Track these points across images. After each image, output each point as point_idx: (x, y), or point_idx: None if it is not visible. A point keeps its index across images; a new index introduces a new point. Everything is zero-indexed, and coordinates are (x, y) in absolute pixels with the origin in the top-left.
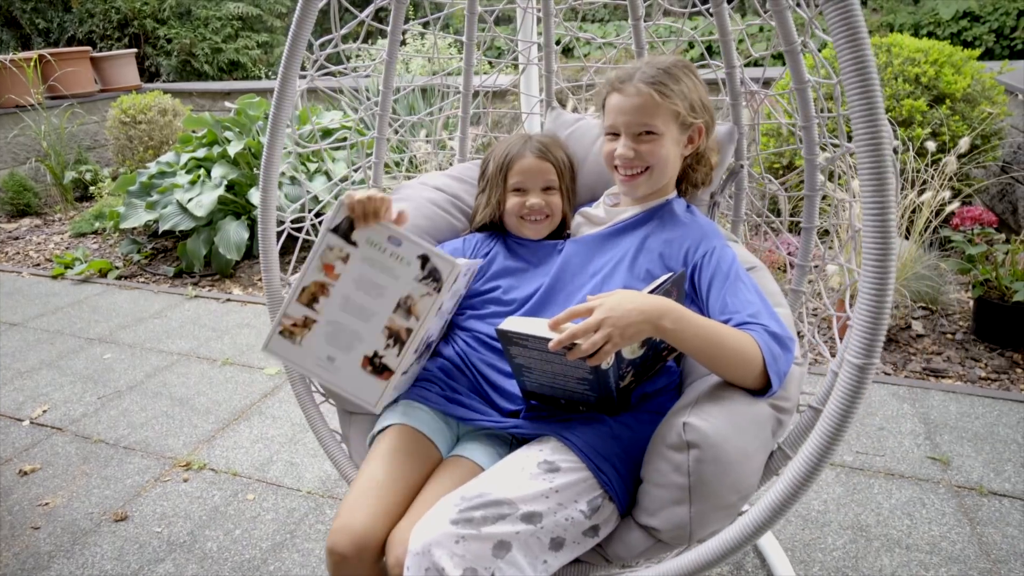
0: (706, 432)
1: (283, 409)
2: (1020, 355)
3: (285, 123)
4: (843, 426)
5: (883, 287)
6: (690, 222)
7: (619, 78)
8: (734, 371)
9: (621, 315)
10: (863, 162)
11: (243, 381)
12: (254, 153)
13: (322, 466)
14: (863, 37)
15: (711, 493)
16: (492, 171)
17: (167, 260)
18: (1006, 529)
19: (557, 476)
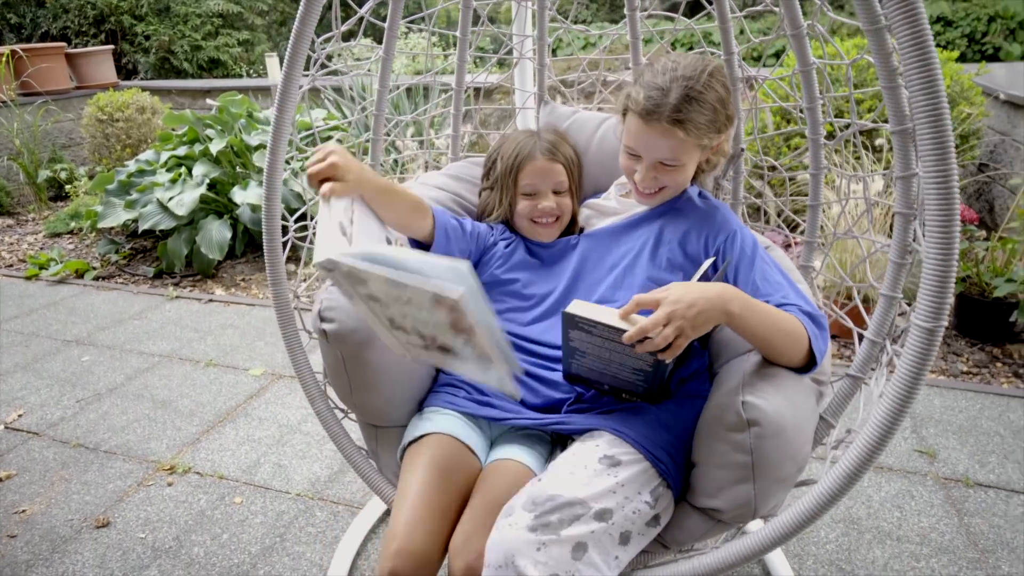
0: (765, 409)
1: (270, 410)
2: (1000, 350)
3: (289, 123)
4: (915, 387)
5: (949, 252)
6: (707, 208)
7: (649, 105)
8: (786, 353)
9: (689, 305)
10: (924, 132)
11: (228, 382)
12: (236, 151)
13: (311, 468)
14: (922, 16)
15: (773, 468)
16: (501, 171)
17: (146, 260)
18: (992, 519)
19: (620, 470)
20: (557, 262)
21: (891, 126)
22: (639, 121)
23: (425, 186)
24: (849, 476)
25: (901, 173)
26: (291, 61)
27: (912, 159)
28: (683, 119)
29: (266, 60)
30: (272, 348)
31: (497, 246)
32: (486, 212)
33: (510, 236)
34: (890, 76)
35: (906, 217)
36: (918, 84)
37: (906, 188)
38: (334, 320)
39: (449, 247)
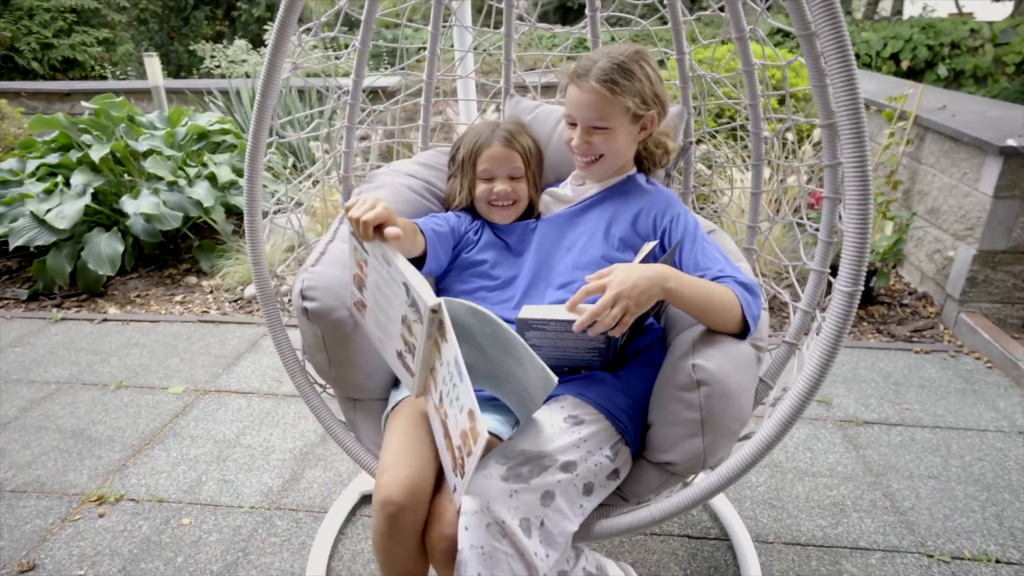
0: (712, 371)
1: (202, 427)
2: (863, 311)
3: (270, 116)
4: (838, 344)
5: (864, 227)
6: (654, 191)
7: (578, 71)
8: (720, 320)
9: (632, 285)
10: (845, 121)
11: (146, 404)
12: (119, 158)
13: (260, 479)
14: (843, 24)
15: (720, 424)
16: (462, 158)
17: (16, 281)
18: (880, 449)
19: (583, 428)
20: (519, 245)
21: (820, 120)
22: (572, 87)
23: (398, 173)
24: (784, 424)
25: (829, 162)
26: (275, 49)
27: (837, 150)
28: (607, 79)
29: (145, 61)
30: (189, 364)
31: (468, 234)
32: (451, 198)
33: (477, 222)
34: (819, 76)
35: (833, 201)
36: (840, 82)
37: (833, 175)
38: (316, 299)
39: (437, 256)
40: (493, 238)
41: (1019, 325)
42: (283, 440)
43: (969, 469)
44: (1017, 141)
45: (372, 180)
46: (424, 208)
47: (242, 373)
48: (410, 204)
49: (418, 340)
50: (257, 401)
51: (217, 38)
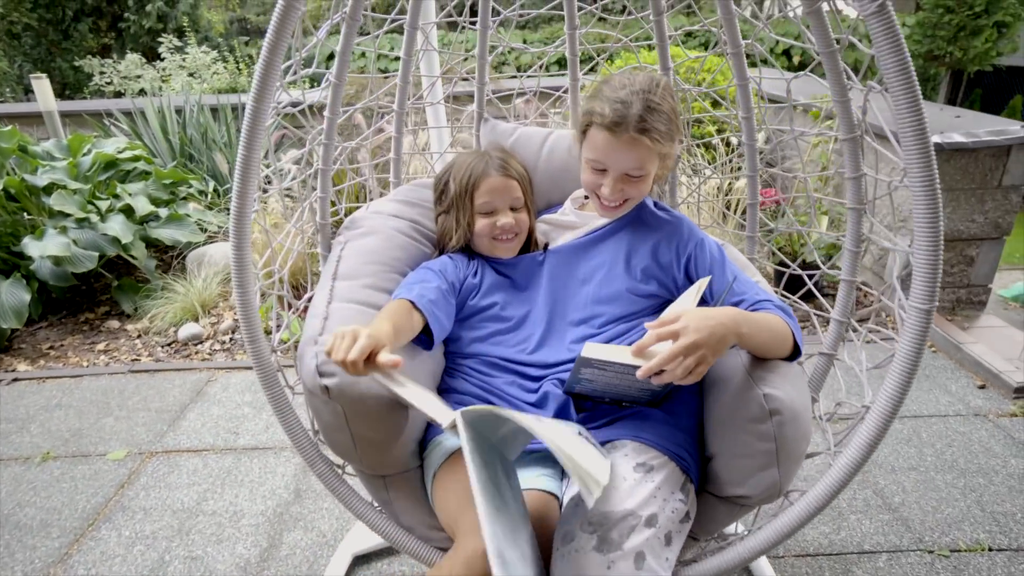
0: (783, 399)
1: (155, 497)
2: (812, 304)
3: (258, 161)
4: (916, 364)
5: (936, 247)
6: (670, 218)
7: (614, 118)
8: (777, 352)
9: (710, 334)
10: (908, 137)
11: (83, 476)
12: (13, 195)
13: (234, 550)
14: (902, 43)
15: (793, 450)
16: (455, 193)
17: None
18: None
19: (654, 474)
20: (527, 280)
21: (842, 134)
22: (605, 134)
23: (381, 215)
24: (869, 445)
25: (852, 174)
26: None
27: (860, 162)
28: (647, 128)
29: (33, 83)
30: (127, 423)
31: (467, 280)
32: (445, 237)
33: (474, 263)
34: (841, 92)
35: (858, 212)
36: (903, 96)
37: (856, 187)
38: (335, 374)
39: (441, 324)
40: (497, 277)
41: (950, 308)
42: (252, 501)
43: (942, 456)
44: (940, 138)
45: (356, 225)
46: (418, 252)
47: (190, 428)
48: (404, 249)
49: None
50: (214, 459)
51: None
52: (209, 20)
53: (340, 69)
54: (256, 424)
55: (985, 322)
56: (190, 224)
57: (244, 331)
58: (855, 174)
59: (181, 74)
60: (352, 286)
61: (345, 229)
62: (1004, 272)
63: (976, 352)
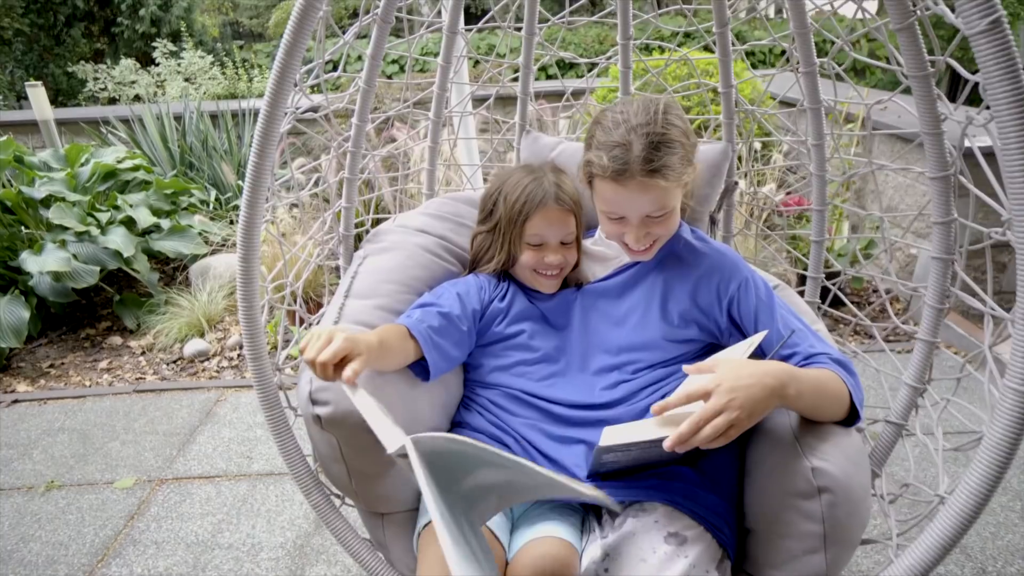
0: (835, 475)
1: (166, 528)
2: (839, 311)
3: (269, 171)
4: (1010, 455)
5: None
6: (710, 252)
7: (614, 167)
8: (832, 413)
9: (746, 394)
10: (1017, 193)
11: (89, 506)
12: (9, 207)
13: None
14: (1018, 68)
15: (845, 535)
16: (506, 218)
17: None
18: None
19: (687, 548)
20: (558, 315)
21: (930, 172)
22: (611, 184)
23: (407, 230)
24: (941, 547)
25: (940, 219)
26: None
27: (951, 205)
28: (657, 167)
29: (29, 91)
30: (134, 448)
31: (493, 304)
32: (482, 258)
33: (503, 285)
34: (934, 124)
35: (944, 262)
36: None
37: (945, 233)
38: (328, 402)
39: (444, 353)
40: (528, 306)
41: (981, 316)
42: (270, 533)
43: None
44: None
45: (377, 239)
46: (442, 271)
47: (201, 452)
48: (426, 268)
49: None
50: (227, 486)
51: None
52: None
53: (370, 74)
54: (270, 447)
55: None
56: (193, 235)
57: (247, 348)
58: (944, 219)
59: (177, 79)
60: (364, 306)
61: (367, 242)
62: None
63: None
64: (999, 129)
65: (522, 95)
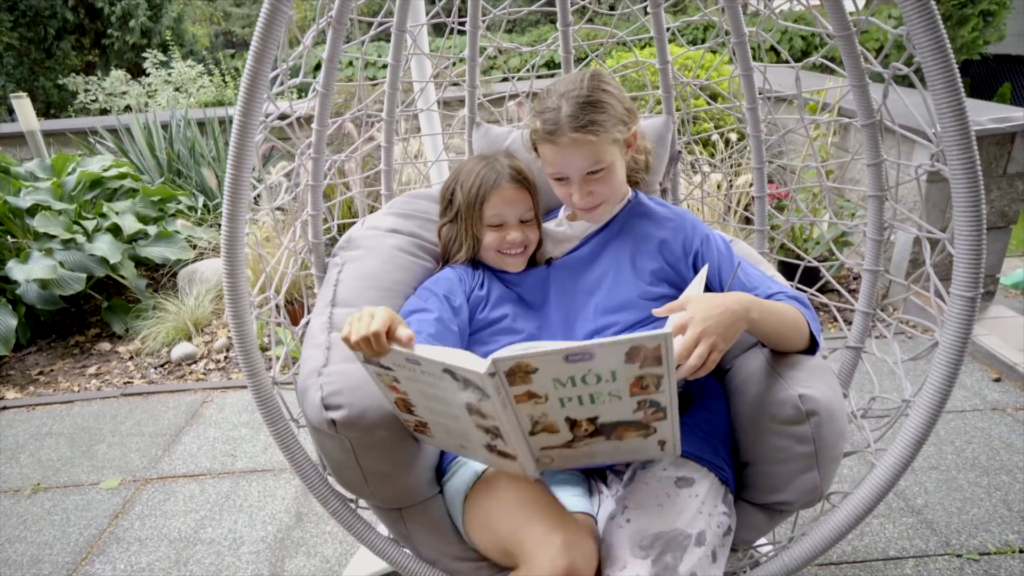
0: (820, 399)
1: (150, 526)
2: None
3: (250, 165)
4: (961, 356)
5: (979, 226)
6: (671, 215)
7: (546, 128)
8: (794, 342)
9: (717, 320)
10: (947, 119)
11: (75, 507)
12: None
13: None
14: (937, 20)
15: (832, 451)
16: (464, 204)
17: None
18: None
19: (696, 488)
20: (533, 296)
21: (860, 120)
22: (548, 145)
23: (379, 232)
24: (916, 442)
25: (872, 161)
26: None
27: (880, 148)
28: (582, 124)
29: (14, 103)
30: (120, 449)
31: (474, 293)
32: (451, 248)
33: (479, 273)
34: (859, 76)
35: (879, 199)
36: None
37: (877, 174)
38: (342, 406)
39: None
40: (504, 290)
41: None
42: (251, 527)
43: (962, 454)
44: None
45: (352, 246)
46: (421, 270)
47: (186, 452)
48: (406, 269)
49: (497, 417)
50: (211, 484)
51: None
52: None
53: (327, 77)
54: (254, 446)
55: (995, 312)
56: (180, 241)
57: (242, 359)
58: (875, 160)
59: (167, 89)
60: (352, 314)
61: (341, 249)
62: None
63: (989, 344)
64: (928, 74)
65: (469, 88)
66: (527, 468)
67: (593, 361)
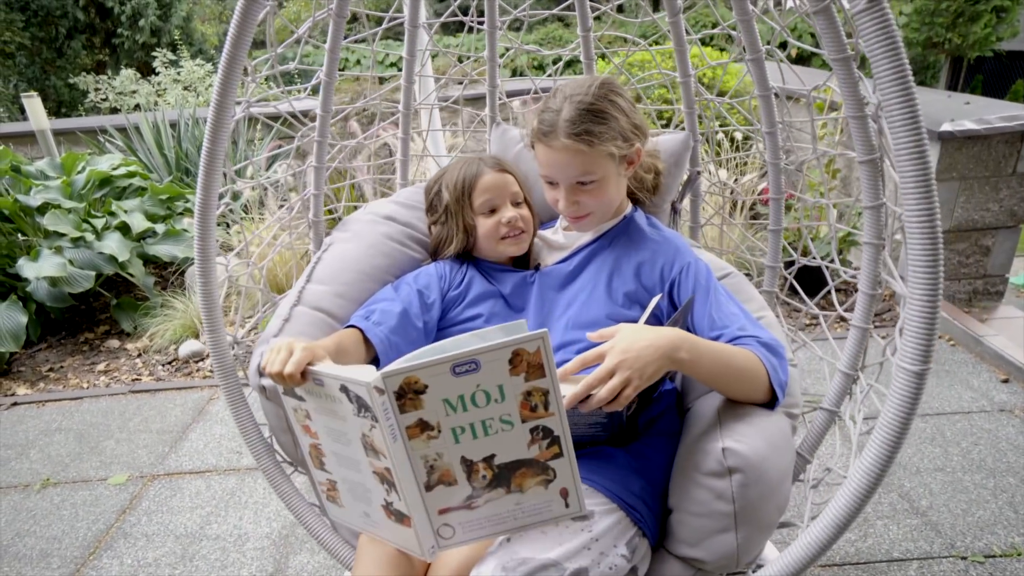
0: (747, 455)
1: (157, 522)
2: (825, 300)
3: (222, 154)
4: (904, 431)
5: (934, 294)
6: (659, 238)
7: (542, 128)
8: (743, 391)
9: (636, 355)
10: (906, 170)
11: (83, 502)
12: (7, 216)
13: (239, 575)
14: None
15: (757, 516)
16: (450, 200)
17: None
18: None
19: (593, 523)
20: (515, 298)
21: (859, 156)
22: (542, 146)
23: (375, 217)
24: (837, 526)
25: (870, 203)
26: (224, 84)
27: (880, 189)
28: (579, 131)
29: (25, 102)
30: (128, 445)
31: (450, 292)
32: (441, 246)
33: (463, 269)
34: (858, 106)
35: (876, 247)
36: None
37: (875, 218)
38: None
39: (400, 352)
40: (487, 287)
41: (966, 299)
42: (256, 524)
43: (968, 456)
44: (951, 125)
45: (345, 227)
46: (407, 259)
47: (193, 448)
48: (388, 256)
49: (390, 456)
50: (217, 480)
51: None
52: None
53: (330, 66)
54: None
55: (1004, 313)
56: (187, 239)
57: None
58: (873, 203)
59: (176, 88)
60: (322, 292)
61: (336, 230)
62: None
63: (997, 345)
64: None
65: (490, 88)
66: (423, 541)
67: (479, 372)
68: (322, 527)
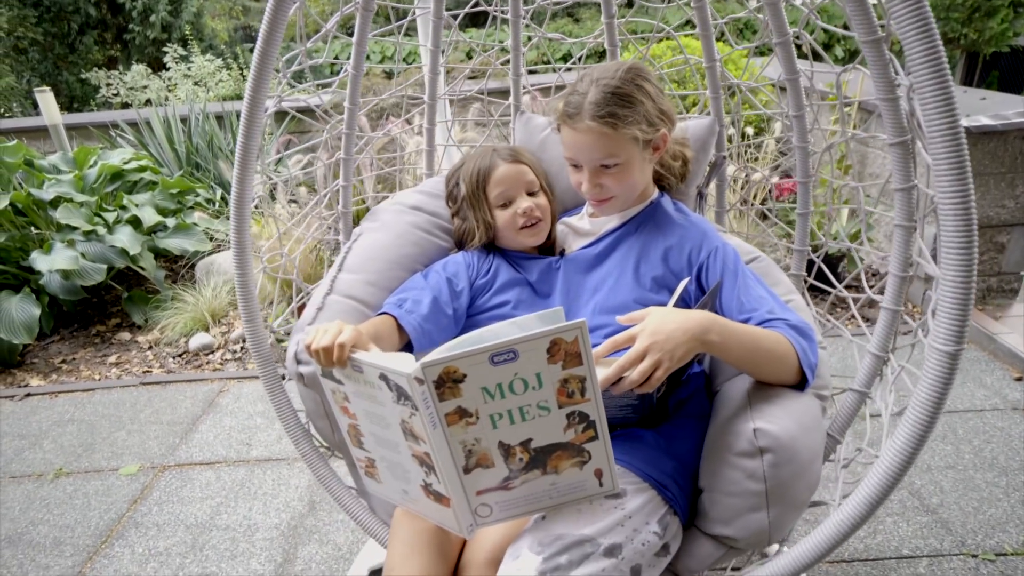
0: (777, 435)
1: (168, 512)
2: (837, 296)
3: (255, 155)
4: (935, 415)
5: (968, 274)
6: (686, 223)
7: (568, 110)
8: (774, 372)
9: (667, 337)
10: (939, 152)
11: (95, 492)
12: (20, 209)
13: (248, 566)
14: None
15: (787, 494)
16: (466, 192)
17: None
18: None
19: (626, 501)
20: (542, 285)
21: (889, 139)
22: (567, 128)
23: (402, 208)
24: (870, 505)
25: (901, 185)
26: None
27: (911, 171)
28: (604, 113)
29: (38, 97)
30: (139, 436)
31: (478, 281)
32: (465, 239)
33: (491, 258)
34: (888, 88)
35: (907, 229)
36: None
37: (906, 200)
38: (309, 362)
39: (431, 339)
40: (514, 274)
41: (980, 297)
42: (266, 515)
43: (980, 454)
44: (967, 121)
45: (374, 218)
46: (435, 247)
47: (203, 440)
48: (416, 245)
49: (429, 441)
50: (227, 471)
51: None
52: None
53: (357, 60)
54: (269, 435)
55: (1018, 311)
56: (198, 233)
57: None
58: (905, 185)
59: (186, 83)
60: (354, 281)
61: (365, 220)
62: None
63: (1011, 343)
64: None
65: (514, 76)
66: (461, 520)
67: (517, 361)
68: (360, 508)
